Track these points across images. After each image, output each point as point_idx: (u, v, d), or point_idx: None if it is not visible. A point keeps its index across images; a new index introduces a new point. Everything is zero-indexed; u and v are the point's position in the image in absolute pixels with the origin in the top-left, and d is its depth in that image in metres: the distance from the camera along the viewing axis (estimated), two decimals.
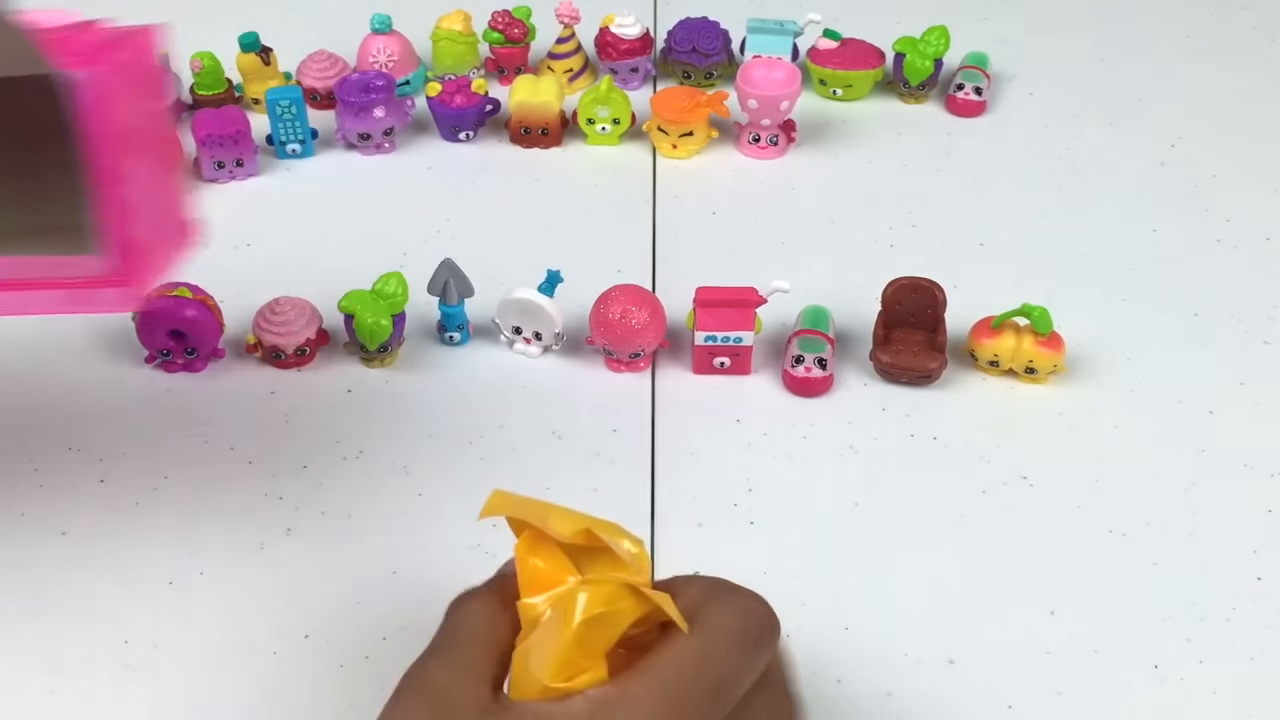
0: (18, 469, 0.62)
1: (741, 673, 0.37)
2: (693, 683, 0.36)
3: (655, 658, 0.36)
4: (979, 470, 0.62)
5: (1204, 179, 0.81)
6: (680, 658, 0.36)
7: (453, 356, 0.69)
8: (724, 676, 0.36)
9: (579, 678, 0.37)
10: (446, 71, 0.87)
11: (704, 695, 0.36)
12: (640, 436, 0.64)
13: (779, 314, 0.68)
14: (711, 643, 0.37)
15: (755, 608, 0.39)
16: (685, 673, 0.36)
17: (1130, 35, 0.94)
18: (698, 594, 0.39)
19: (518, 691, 0.38)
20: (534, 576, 0.39)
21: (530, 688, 0.37)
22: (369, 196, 0.80)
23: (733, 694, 0.37)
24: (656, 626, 0.38)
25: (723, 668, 0.36)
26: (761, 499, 0.61)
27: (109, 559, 0.58)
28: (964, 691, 0.53)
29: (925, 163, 0.83)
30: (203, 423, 0.64)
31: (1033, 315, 0.64)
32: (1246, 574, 0.57)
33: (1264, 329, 0.70)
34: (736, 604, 0.38)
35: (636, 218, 0.78)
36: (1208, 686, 0.53)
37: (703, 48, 0.86)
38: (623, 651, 0.38)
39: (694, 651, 0.36)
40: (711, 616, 0.37)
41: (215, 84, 0.84)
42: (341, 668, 0.53)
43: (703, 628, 0.37)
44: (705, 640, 0.37)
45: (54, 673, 0.53)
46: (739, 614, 0.38)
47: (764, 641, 0.38)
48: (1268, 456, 0.63)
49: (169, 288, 0.66)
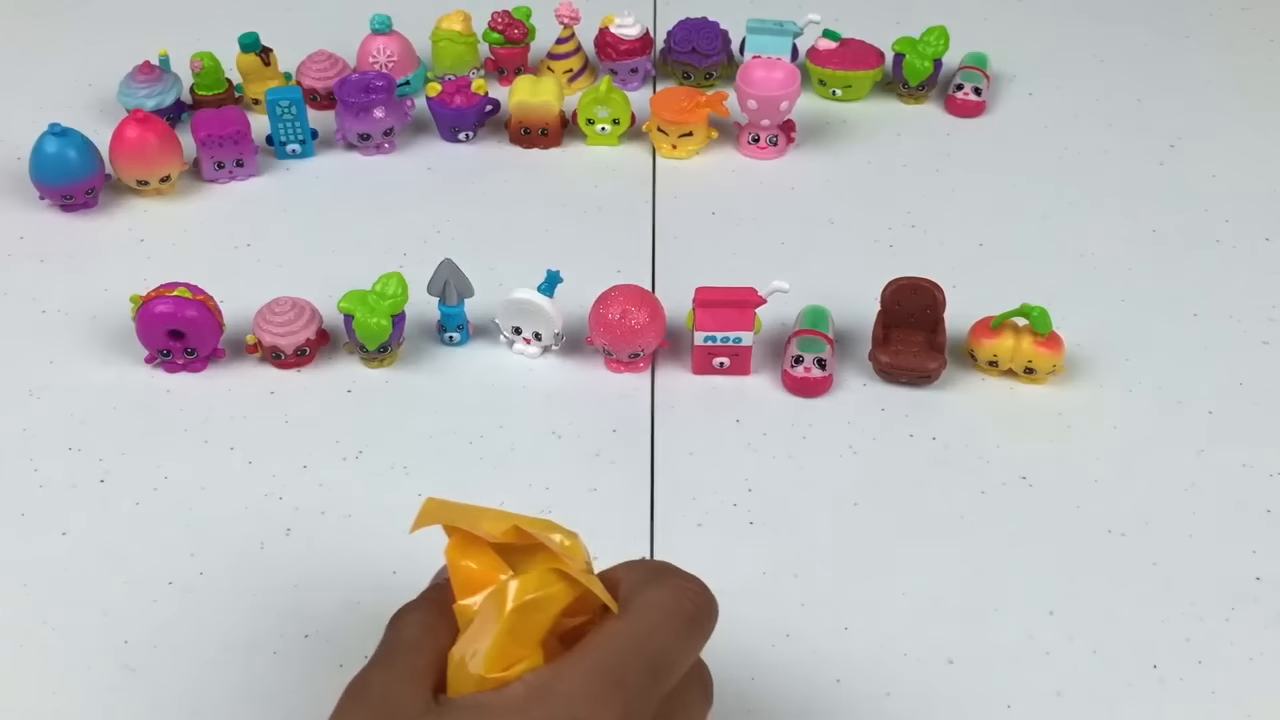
0: (18, 469, 0.62)
1: (677, 652, 0.37)
2: (628, 660, 0.36)
3: (591, 639, 0.37)
4: (978, 470, 0.62)
5: (1204, 179, 0.81)
6: (615, 637, 0.37)
7: (452, 356, 0.69)
8: (659, 655, 0.37)
9: (515, 666, 0.37)
10: (446, 72, 0.87)
11: (639, 673, 0.36)
12: (640, 436, 0.64)
13: (778, 314, 0.68)
14: (646, 622, 0.37)
15: (692, 589, 0.39)
16: (620, 651, 0.36)
17: (1130, 35, 0.95)
18: (637, 578, 0.39)
19: (456, 690, 0.38)
20: (467, 579, 0.39)
21: (468, 683, 0.37)
22: (369, 196, 0.80)
23: (669, 673, 0.37)
24: (596, 615, 0.38)
25: (658, 646, 0.37)
26: (761, 499, 0.61)
27: (109, 559, 0.58)
28: (963, 692, 0.53)
29: (925, 163, 0.83)
30: (203, 423, 0.64)
31: (1032, 315, 0.65)
32: (1246, 574, 0.57)
33: (1263, 329, 0.70)
34: (673, 585, 0.39)
35: (636, 218, 0.78)
36: (1207, 687, 0.53)
37: (702, 48, 0.86)
38: (561, 647, 0.38)
39: (629, 631, 0.37)
40: (648, 597, 0.38)
41: (215, 84, 0.84)
42: (341, 667, 0.53)
43: (638, 608, 0.37)
44: (640, 620, 0.37)
45: (54, 673, 0.53)
46: (675, 595, 0.38)
47: (700, 623, 0.38)
48: (1267, 456, 0.63)
49: (169, 288, 0.66)
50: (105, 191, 0.78)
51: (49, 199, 0.77)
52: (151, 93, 0.82)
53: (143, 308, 0.65)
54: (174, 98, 0.83)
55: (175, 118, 0.83)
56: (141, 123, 0.76)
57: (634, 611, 0.37)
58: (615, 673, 0.36)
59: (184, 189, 0.79)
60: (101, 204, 0.78)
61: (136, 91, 0.82)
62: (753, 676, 0.53)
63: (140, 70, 0.82)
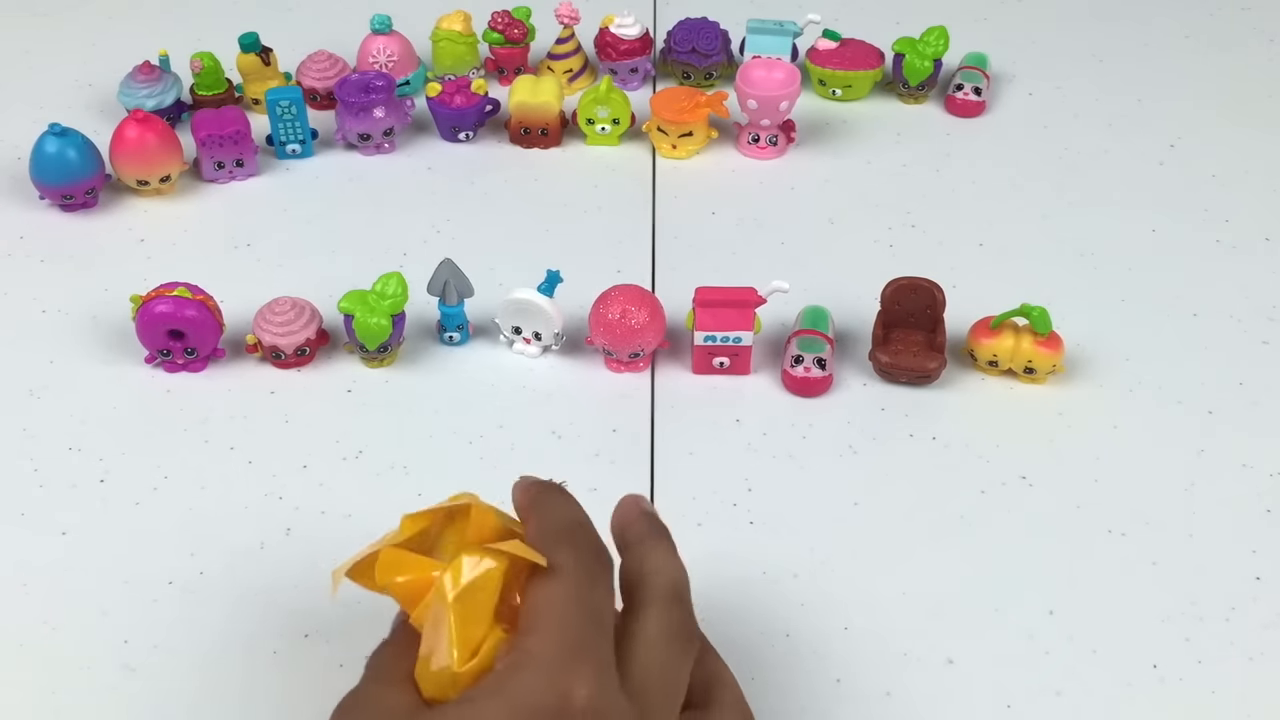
0: (18, 469, 0.62)
1: (610, 601, 0.40)
2: (581, 625, 0.38)
3: (536, 609, 0.39)
4: (978, 470, 0.62)
5: (1203, 179, 0.81)
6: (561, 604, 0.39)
7: (452, 356, 0.69)
8: (598, 604, 0.40)
9: (482, 648, 0.38)
10: (446, 72, 0.87)
11: (593, 632, 0.38)
12: (640, 436, 0.64)
13: (778, 314, 0.68)
14: (577, 581, 0.39)
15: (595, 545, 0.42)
16: (568, 613, 0.38)
17: (1130, 35, 0.94)
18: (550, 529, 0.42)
19: (435, 695, 0.39)
20: (409, 592, 0.40)
21: (444, 685, 0.39)
22: (369, 196, 0.80)
23: (609, 618, 0.40)
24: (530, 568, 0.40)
25: (593, 597, 0.40)
26: (761, 499, 0.61)
27: (109, 559, 0.58)
28: (963, 691, 0.53)
29: (925, 163, 0.83)
30: (203, 423, 0.64)
31: (1032, 315, 0.65)
32: (1245, 574, 0.57)
33: (1263, 329, 0.70)
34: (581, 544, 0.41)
35: (636, 218, 0.78)
36: (1206, 686, 0.53)
37: (702, 48, 0.86)
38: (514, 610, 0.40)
39: (564, 594, 0.39)
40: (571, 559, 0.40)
41: (215, 84, 0.84)
42: (341, 667, 0.53)
43: (563, 568, 0.40)
44: (570, 580, 0.39)
45: (54, 673, 0.53)
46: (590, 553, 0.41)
47: (611, 567, 0.41)
48: (1267, 456, 0.63)
49: (169, 288, 0.66)
50: (105, 191, 0.78)
51: (49, 199, 0.77)
52: (151, 93, 0.82)
53: (143, 308, 0.65)
54: (174, 98, 0.83)
55: (175, 118, 0.83)
56: (141, 123, 0.76)
57: (564, 574, 0.40)
58: (575, 636, 0.38)
59: (184, 189, 0.79)
60: (101, 204, 0.78)
61: (136, 91, 0.82)
62: (753, 676, 0.53)
63: (140, 70, 0.82)
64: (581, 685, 0.37)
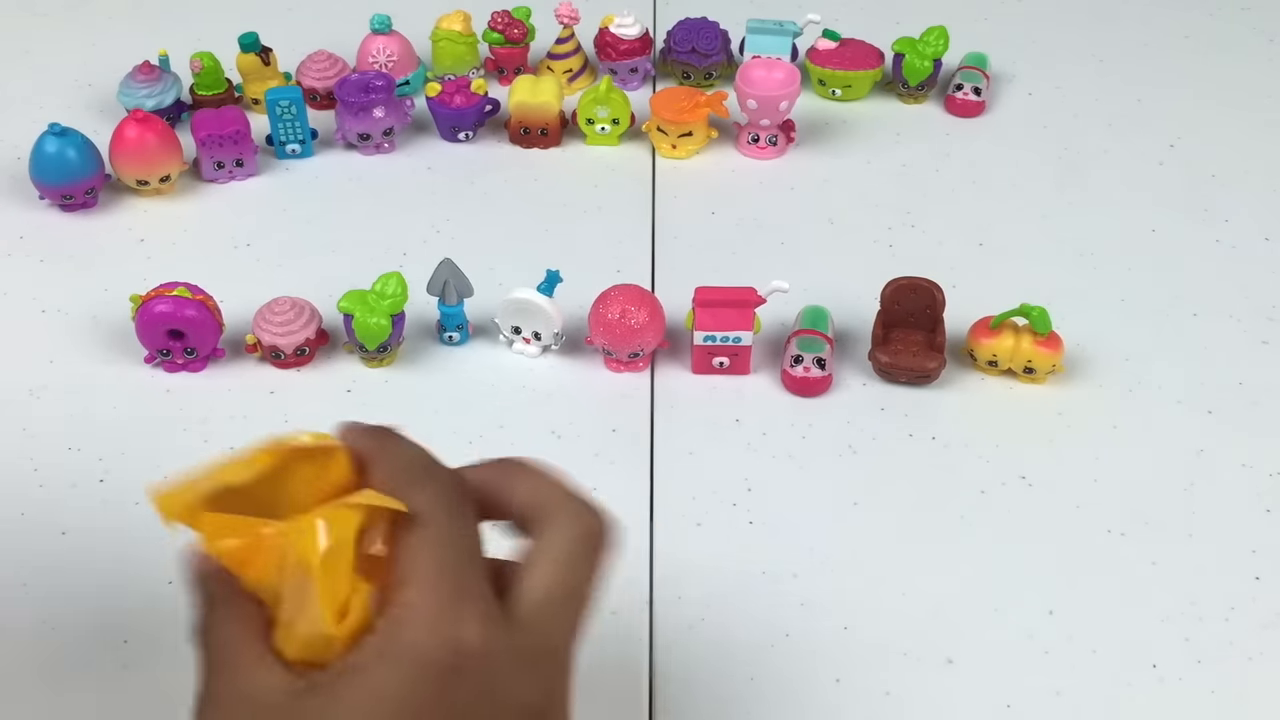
0: (18, 469, 0.62)
1: (473, 529, 0.40)
2: (450, 561, 0.38)
3: (407, 558, 0.38)
4: (978, 470, 0.62)
5: (1203, 179, 0.81)
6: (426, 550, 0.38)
7: (452, 356, 0.69)
8: (466, 541, 0.39)
9: (351, 603, 0.37)
10: (446, 72, 0.87)
11: (465, 566, 0.38)
12: (639, 436, 0.64)
13: (778, 314, 0.68)
14: (440, 523, 0.38)
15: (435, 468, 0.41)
16: (440, 557, 0.38)
17: (1130, 35, 0.94)
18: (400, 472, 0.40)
19: (309, 657, 0.37)
20: (241, 556, 0.39)
21: (318, 649, 0.37)
22: (369, 196, 0.80)
23: (479, 550, 0.39)
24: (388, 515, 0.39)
25: (461, 534, 0.39)
26: (760, 499, 0.61)
27: (109, 559, 0.58)
28: (963, 691, 0.53)
29: (924, 163, 0.83)
30: (203, 422, 0.64)
31: (1031, 315, 0.65)
32: (1245, 574, 0.57)
33: (1263, 329, 0.70)
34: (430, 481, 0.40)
35: (636, 218, 0.78)
36: (1206, 686, 0.53)
37: (702, 48, 0.86)
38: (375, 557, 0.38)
39: (432, 538, 0.38)
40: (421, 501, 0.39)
41: (215, 84, 0.84)
42: None
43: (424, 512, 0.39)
44: (433, 522, 0.38)
45: (54, 673, 0.53)
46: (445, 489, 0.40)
47: (465, 490, 0.41)
48: (1267, 456, 0.63)
49: (169, 287, 0.66)
50: (105, 191, 0.78)
51: (49, 199, 0.77)
52: (151, 93, 0.82)
53: (142, 307, 0.65)
54: (174, 98, 0.83)
55: (175, 118, 0.83)
56: (141, 123, 0.76)
57: (427, 517, 0.39)
58: (451, 582, 0.37)
59: (184, 189, 0.79)
60: (101, 204, 0.78)
61: (136, 91, 0.82)
62: (753, 676, 0.53)
63: (140, 70, 0.82)
64: (468, 627, 0.36)
